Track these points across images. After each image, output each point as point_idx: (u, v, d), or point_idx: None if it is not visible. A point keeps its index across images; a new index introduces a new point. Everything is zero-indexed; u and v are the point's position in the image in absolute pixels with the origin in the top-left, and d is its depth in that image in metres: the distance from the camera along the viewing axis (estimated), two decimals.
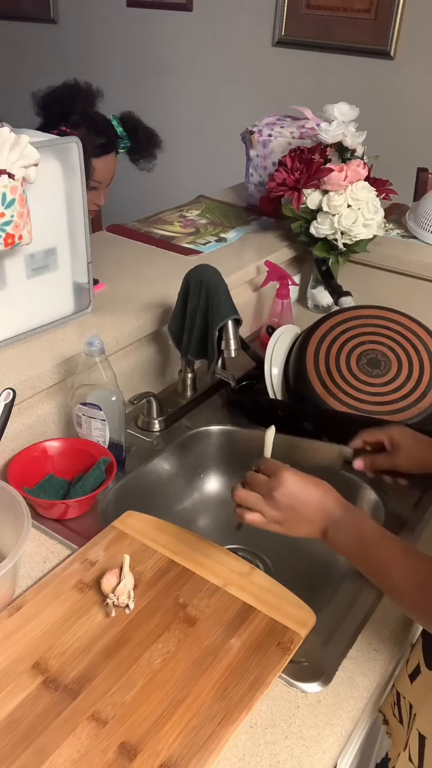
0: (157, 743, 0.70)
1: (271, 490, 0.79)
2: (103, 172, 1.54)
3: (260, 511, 0.80)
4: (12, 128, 0.96)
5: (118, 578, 0.86)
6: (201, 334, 1.18)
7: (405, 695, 0.87)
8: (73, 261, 1.17)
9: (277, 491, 0.79)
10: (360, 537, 0.77)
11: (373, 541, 0.76)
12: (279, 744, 0.73)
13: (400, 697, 0.88)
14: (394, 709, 0.89)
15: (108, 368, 1.05)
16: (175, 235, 1.63)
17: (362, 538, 0.77)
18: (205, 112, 3.32)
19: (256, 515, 0.81)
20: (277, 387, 1.29)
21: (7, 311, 1.11)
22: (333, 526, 0.78)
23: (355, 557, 0.78)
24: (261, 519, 0.81)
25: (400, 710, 0.88)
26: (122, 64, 3.44)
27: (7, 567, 0.78)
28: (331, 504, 0.79)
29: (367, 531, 0.77)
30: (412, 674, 0.85)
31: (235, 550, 1.12)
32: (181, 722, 0.72)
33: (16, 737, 0.70)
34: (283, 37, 2.96)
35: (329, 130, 1.50)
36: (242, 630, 0.83)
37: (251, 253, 1.59)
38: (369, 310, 1.33)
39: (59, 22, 3.58)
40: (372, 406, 1.19)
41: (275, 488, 0.79)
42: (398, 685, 0.88)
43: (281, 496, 0.79)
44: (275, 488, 0.79)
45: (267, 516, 0.80)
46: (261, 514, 0.81)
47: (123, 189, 2.08)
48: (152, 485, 1.18)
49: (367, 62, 2.80)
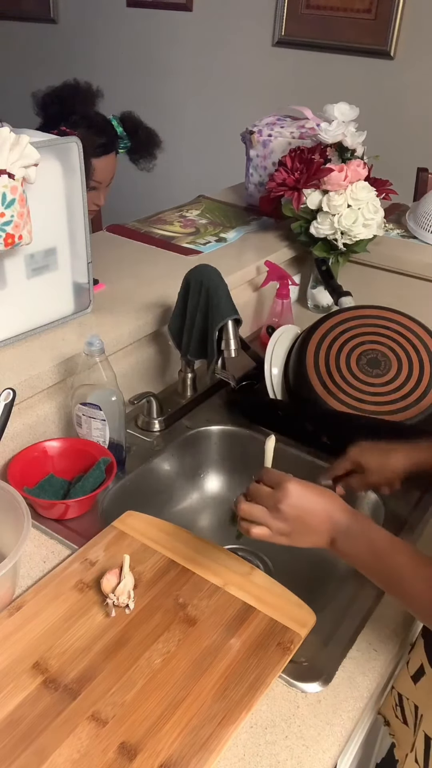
0: (157, 743, 0.70)
1: (277, 502, 0.77)
2: (103, 172, 1.54)
3: (266, 524, 0.79)
4: (12, 128, 0.96)
5: (118, 578, 0.86)
6: (201, 334, 1.18)
7: (408, 696, 0.86)
8: (73, 261, 1.17)
9: (283, 503, 0.77)
10: (371, 547, 0.76)
11: (386, 552, 0.75)
12: (279, 744, 0.73)
13: (403, 698, 0.87)
14: (396, 710, 0.89)
15: (108, 368, 1.05)
16: (175, 235, 1.63)
17: (373, 547, 0.75)
18: (205, 112, 3.32)
19: (262, 529, 0.79)
20: (277, 387, 1.29)
21: (7, 311, 1.11)
22: (341, 535, 0.77)
23: (366, 567, 0.76)
24: (267, 533, 0.79)
25: (404, 711, 0.87)
26: (122, 64, 3.44)
27: (7, 567, 0.78)
28: (338, 512, 0.77)
29: (377, 540, 0.76)
30: (414, 675, 0.84)
31: (235, 550, 1.12)
32: (181, 722, 0.72)
33: (16, 737, 0.70)
34: (283, 37, 2.96)
35: (329, 130, 1.50)
36: (242, 630, 0.83)
37: (251, 253, 1.59)
38: (369, 310, 1.33)
39: (59, 22, 3.58)
40: (372, 406, 1.19)
41: (280, 500, 0.77)
42: (399, 687, 0.88)
43: (287, 507, 0.77)
44: (280, 500, 0.77)
45: (273, 529, 0.78)
46: (267, 528, 0.79)
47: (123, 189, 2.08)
48: (152, 485, 1.18)
49: (367, 62, 2.80)
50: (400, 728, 0.89)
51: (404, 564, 0.73)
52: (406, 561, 0.73)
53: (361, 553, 0.76)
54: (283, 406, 1.28)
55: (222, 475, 1.28)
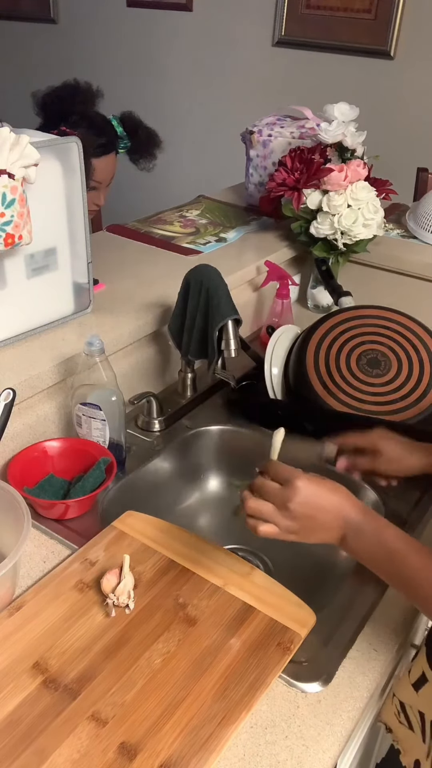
0: (157, 743, 0.70)
1: (286, 500, 0.75)
2: (103, 172, 1.54)
3: (275, 522, 0.77)
4: (12, 128, 0.96)
5: (118, 578, 0.86)
6: (201, 334, 1.18)
7: (411, 704, 0.85)
8: (73, 261, 1.17)
9: (293, 502, 0.75)
10: (383, 546, 0.74)
11: (399, 552, 0.73)
12: (279, 744, 0.73)
13: (405, 706, 0.86)
14: (400, 717, 0.87)
15: (108, 368, 1.05)
16: (175, 235, 1.63)
17: (386, 547, 0.74)
18: (205, 112, 3.32)
19: (270, 527, 0.77)
20: (277, 387, 1.29)
21: (7, 311, 1.11)
22: (352, 533, 0.75)
23: (377, 566, 0.75)
24: (276, 530, 0.77)
25: (408, 718, 0.86)
26: (122, 64, 3.44)
27: (7, 567, 0.78)
28: (350, 509, 0.76)
29: (390, 539, 0.74)
30: (416, 683, 0.83)
31: (235, 550, 1.12)
32: (181, 722, 0.72)
33: (16, 737, 0.70)
34: (283, 37, 2.96)
35: (329, 130, 1.50)
36: (242, 630, 0.83)
37: (251, 253, 1.59)
38: (369, 310, 1.33)
39: (59, 22, 3.58)
40: (372, 406, 1.19)
41: (290, 498, 0.75)
42: (400, 695, 0.86)
43: (297, 506, 0.75)
44: (290, 498, 0.75)
45: (282, 527, 0.77)
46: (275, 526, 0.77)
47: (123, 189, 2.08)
48: (152, 485, 1.18)
49: (367, 62, 2.80)
50: (405, 734, 0.87)
51: (418, 565, 0.72)
52: (419, 562, 0.72)
53: (373, 552, 0.75)
54: (283, 406, 1.28)
55: (222, 475, 1.28)
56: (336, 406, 1.20)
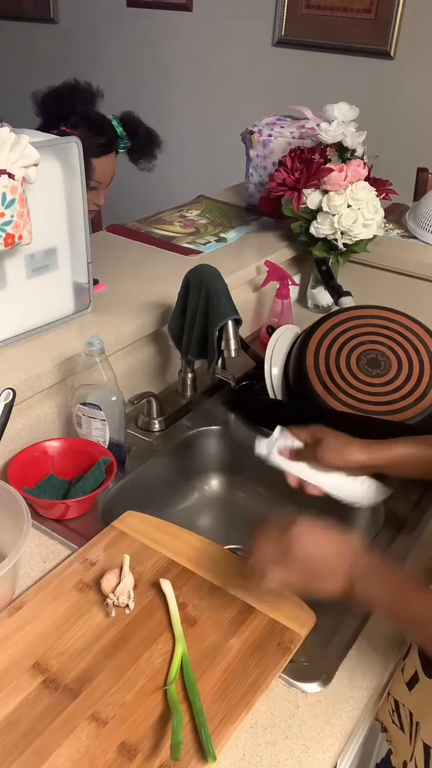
0: (157, 743, 0.70)
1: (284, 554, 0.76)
2: (103, 172, 1.53)
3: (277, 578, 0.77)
4: (12, 128, 0.96)
5: (118, 578, 0.86)
6: (201, 334, 1.18)
7: (404, 703, 0.85)
8: (73, 261, 1.17)
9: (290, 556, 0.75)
10: (393, 591, 0.73)
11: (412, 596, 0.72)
12: (279, 744, 0.73)
13: (399, 704, 0.86)
14: (393, 716, 0.88)
15: (108, 368, 1.05)
16: (175, 235, 1.63)
17: (396, 591, 0.73)
18: (205, 112, 3.32)
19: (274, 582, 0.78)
20: (277, 387, 1.29)
21: (7, 311, 1.11)
22: (360, 580, 0.74)
23: (390, 612, 0.75)
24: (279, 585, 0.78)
25: (400, 717, 0.87)
26: (122, 64, 3.44)
27: (7, 567, 0.78)
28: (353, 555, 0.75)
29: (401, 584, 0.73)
30: (409, 682, 0.84)
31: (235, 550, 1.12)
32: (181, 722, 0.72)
33: (16, 737, 0.70)
34: (283, 37, 2.96)
35: (329, 130, 1.50)
36: (242, 630, 0.83)
37: (251, 253, 1.59)
38: (369, 310, 1.33)
39: (59, 22, 3.58)
40: (372, 406, 1.19)
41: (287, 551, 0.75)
42: (395, 693, 0.87)
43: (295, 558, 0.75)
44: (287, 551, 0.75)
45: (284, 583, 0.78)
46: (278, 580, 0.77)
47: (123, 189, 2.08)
48: (152, 485, 1.18)
49: (367, 62, 2.80)
50: (397, 734, 0.88)
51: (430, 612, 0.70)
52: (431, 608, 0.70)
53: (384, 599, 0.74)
54: (283, 406, 1.28)
55: (222, 475, 1.28)
56: (336, 406, 1.19)
